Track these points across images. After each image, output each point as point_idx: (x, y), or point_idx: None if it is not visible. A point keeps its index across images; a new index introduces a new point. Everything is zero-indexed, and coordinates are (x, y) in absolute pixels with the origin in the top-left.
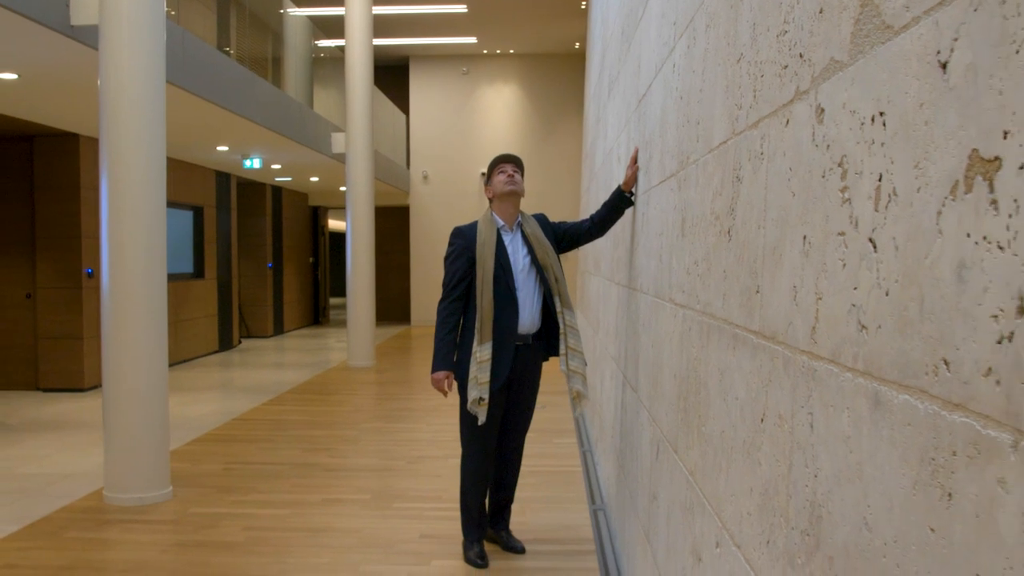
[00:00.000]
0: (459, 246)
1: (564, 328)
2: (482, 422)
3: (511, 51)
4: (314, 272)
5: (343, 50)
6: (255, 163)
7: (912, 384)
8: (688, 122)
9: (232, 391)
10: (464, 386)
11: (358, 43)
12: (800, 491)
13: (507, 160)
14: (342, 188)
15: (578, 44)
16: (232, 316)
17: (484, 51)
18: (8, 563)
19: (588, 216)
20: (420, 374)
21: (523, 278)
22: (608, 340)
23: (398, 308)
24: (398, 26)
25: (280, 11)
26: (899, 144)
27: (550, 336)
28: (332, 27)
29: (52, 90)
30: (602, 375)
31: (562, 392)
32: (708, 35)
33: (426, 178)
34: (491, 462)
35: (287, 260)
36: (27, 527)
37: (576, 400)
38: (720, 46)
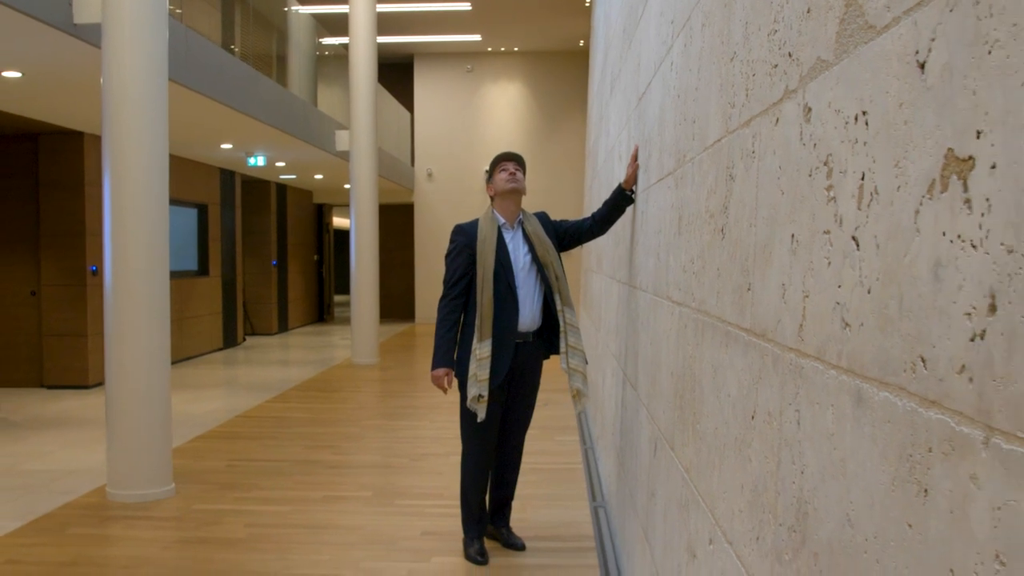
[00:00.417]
0: (460, 243)
1: (564, 326)
2: (481, 419)
3: (515, 49)
4: (318, 269)
5: (347, 48)
6: (259, 161)
7: (892, 381)
8: (685, 120)
9: (236, 388)
10: (464, 383)
11: (362, 41)
12: (788, 488)
13: (509, 158)
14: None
15: (582, 42)
16: (236, 313)
17: (488, 49)
18: (11, 559)
19: (590, 214)
20: (423, 371)
21: (523, 276)
22: (609, 337)
23: (402, 306)
24: (402, 23)
25: (284, 9)
26: (880, 143)
27: (551, 334)
28: (336, 25)
29: (56, 88)
30: (604, 373)
31: (564, 389)
32: (704, 34)
33: (430, 176)
34: (491, 459)
35: (291, 257)
36: (30, 523)
37: (576, 398)
38: (715, 45)
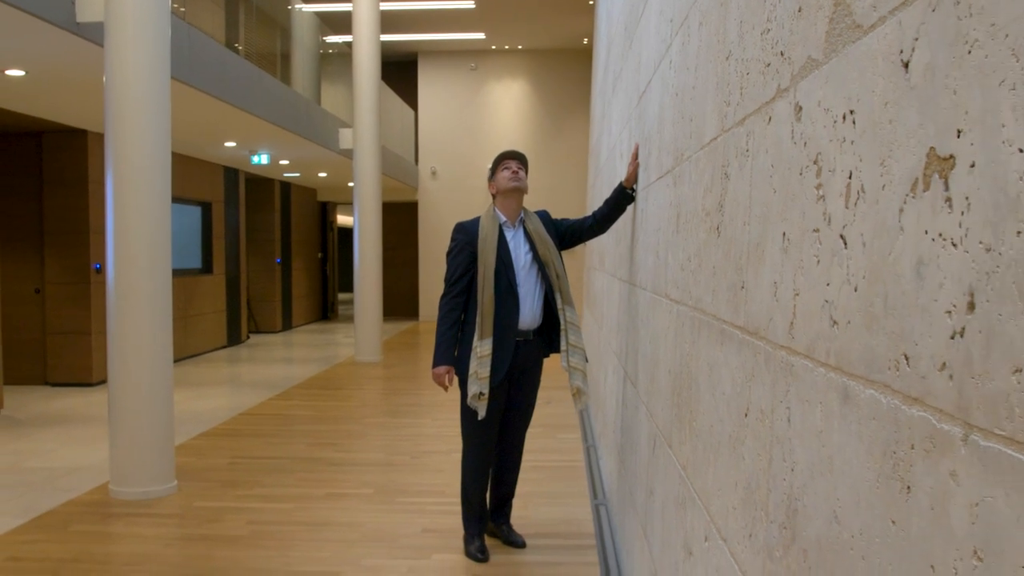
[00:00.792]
0: (461, 241)
1: (565, 324)
2: (482, 417)
3: (519, 47)
4: (323, 267)
5: (351, 46)
6: (263, 159)
7: (877, 379)
8: (683, 119)
9: (239, 386)
10: (464, 381)
11: (366, 39)
12: (778, 485)
13: (512, 156)
14: (350, 184)
15: (586, 40)
16: (240, 311)
17: (492, 47)
18: (14, 555)
19: (591, 213)
20: (427, 369)
21: (524, 274)
22: (611, 335)
23: (406, 304)
24: (406, 22)
25: (288, 7)
26: (867, 142)
27: (551, 332)
28: (340, 23)
29: (59, 86)
30: (605, 370)
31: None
32: (701, 32)
33: (434, 174)
34: (491, 457)
35: (296, 255)
36: (33, 520)
37: (576, 396)
38: (711, 43)
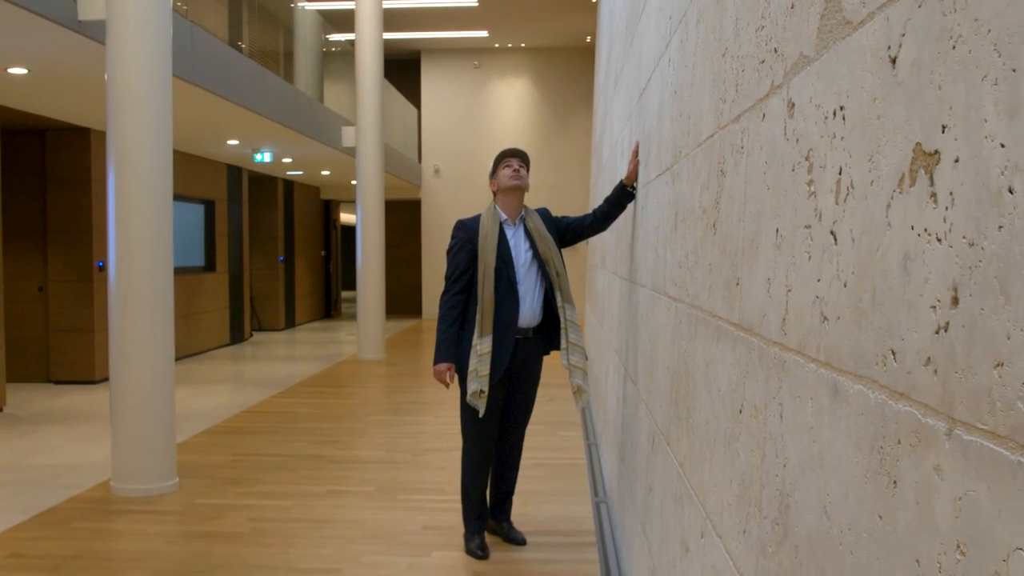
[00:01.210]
0: (461, 239)
1: (565, 323)
2: (482, 414)
3: (522, 45)
4: (326, 265)
5: (354, 44)
6: (266, 157)
7: (865, 374)
8: (681, 116)
9: (242, 384)
10: (464, 378)
11: (368, 37)
12: (771, 481)
13: (514, 154)
14: (353, 182)
15: (589, 38)
16: (243, 309)
17: (496, 45)
18: (16, 552)
19: (592, 210)
20: (429, 367)
21: (524, 272)
22: (612, 333)
23: (409, 302)
24: (409, 20)
25: (291, 5)
26: (856, 138)
27: (551, 330)
28: (343, 21)
29: (61, 85)
30: (607, 368)
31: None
32: (698, 29)
33: (437, 172)
34: (491, 454)
35: (299, 253)
36: (35, 517)
37: (576, 394)
38: (708, 40)
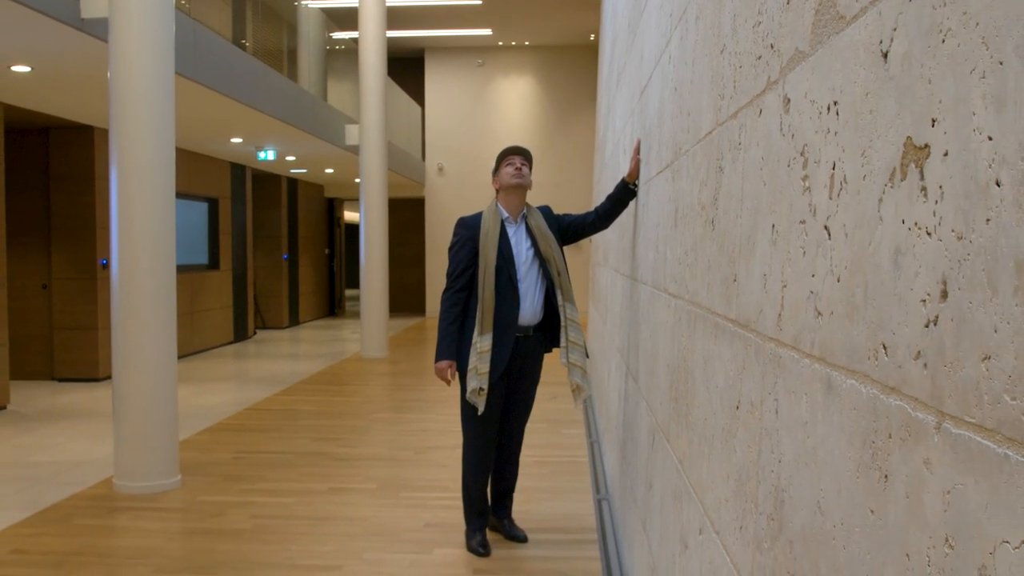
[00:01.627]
0: (463, 236)
1: (565, 321)
2: (481, 412)
3: (526, 43)
4: (330, 263)
5: (357, 42)
6: (269, 155)
7: (857, 369)
8: (681, 113)
9: (245, 381)
10: (464, 376)
11: (372, 35)
12: (767, 476)
13: (516, 152)
14: (357, 180)
15: (593, 36)
16: (247, 307)
17: (499, 43)
18: (18, 548)
19: (593, 208)
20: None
21: (525, 270)
22: (614, 330)
23: (413, 300)
24: (413, 18)
25: (295, 3)
26: (849, 133)
27: (552, 328)
28: (346, 19)
29: (65, 83)
30: (609, 366)
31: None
32: (698, 26)
33: (441, 170)
34: (491, 452)
35: (303, 251)
36: (37, 513)
37: (575, 392)
38: (707, 37)
